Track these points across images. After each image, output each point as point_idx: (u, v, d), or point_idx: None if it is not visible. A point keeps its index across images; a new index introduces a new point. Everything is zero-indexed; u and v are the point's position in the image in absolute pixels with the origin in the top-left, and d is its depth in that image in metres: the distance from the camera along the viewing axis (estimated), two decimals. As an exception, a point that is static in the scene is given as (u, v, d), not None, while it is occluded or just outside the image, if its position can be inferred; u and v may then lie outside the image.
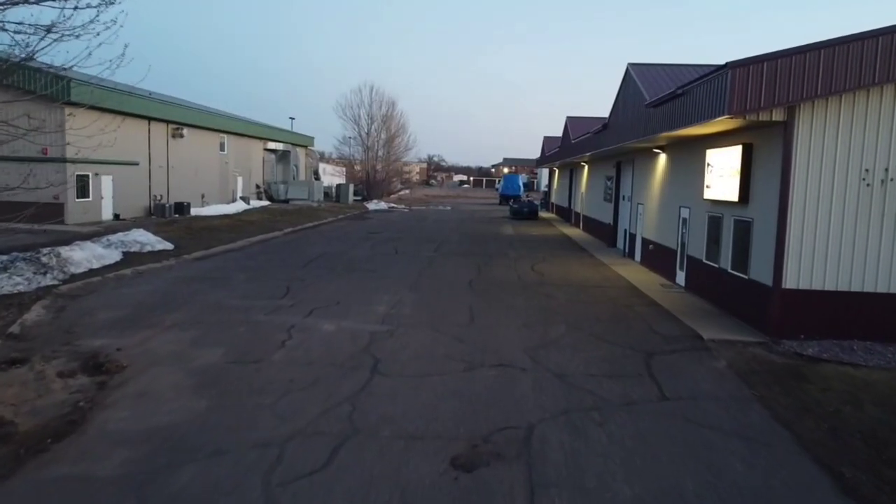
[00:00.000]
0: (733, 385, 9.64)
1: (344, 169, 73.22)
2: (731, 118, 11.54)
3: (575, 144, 33.10)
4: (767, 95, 11.12)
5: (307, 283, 17.52)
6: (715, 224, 15.01)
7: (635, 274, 20.05)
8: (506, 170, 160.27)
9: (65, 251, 17.93)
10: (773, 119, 11.49)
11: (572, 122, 37.13)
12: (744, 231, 13.35)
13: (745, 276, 13.15)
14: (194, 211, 36.18)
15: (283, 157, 55.30)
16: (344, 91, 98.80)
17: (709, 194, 15.10)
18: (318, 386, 9.15)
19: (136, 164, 32.19)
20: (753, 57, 11.19)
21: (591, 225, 33.48)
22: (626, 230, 24.41)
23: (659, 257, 19.84)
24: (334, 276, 18.81)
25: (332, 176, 72.02)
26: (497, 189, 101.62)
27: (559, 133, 49.31)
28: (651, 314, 14.31)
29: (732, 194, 13.60)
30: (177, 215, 34.17)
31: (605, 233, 29.25)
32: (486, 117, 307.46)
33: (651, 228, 20.93)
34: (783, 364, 10.50)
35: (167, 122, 35.07)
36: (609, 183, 28.80)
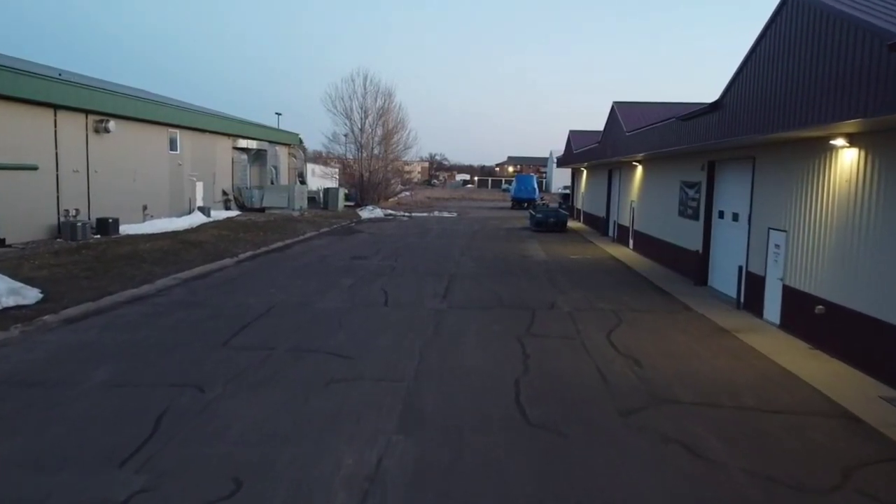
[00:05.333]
0: None
1: (337, 170, 64.35)
2: None
3: (631, 137, 24.45)
4: None
5: (209, 397, 9.10)
6: None
7: (796, 359, 11.47)
8: (511, 168, 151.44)
9: None
10: None
11: (623, 110, 28.16)
12: None
13: None
14: (127, 228, 27.61)
15: (258, 157, 46.66)
16: (334, 81, 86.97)
17: None
18: None
19: (34, 168, 23.57)
20: None
21: (651, 246, 24.86)
22: (741, 267, 15.79)
23: (844, 333, 11.29)
24: (267, 372, 10.33)
25: (322, 178, 63.33)
26: (506, 190, 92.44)
27: (586, 126, 40.88)
28: None
29: None
30: (98, 235, 25.65)
31: (680, 261, 20.68)
32: (489, 115, 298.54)
33: (816, 277, 12.37)
34: None
35: (86, 111, 26.42)
36: (691, 192, 20.20)
